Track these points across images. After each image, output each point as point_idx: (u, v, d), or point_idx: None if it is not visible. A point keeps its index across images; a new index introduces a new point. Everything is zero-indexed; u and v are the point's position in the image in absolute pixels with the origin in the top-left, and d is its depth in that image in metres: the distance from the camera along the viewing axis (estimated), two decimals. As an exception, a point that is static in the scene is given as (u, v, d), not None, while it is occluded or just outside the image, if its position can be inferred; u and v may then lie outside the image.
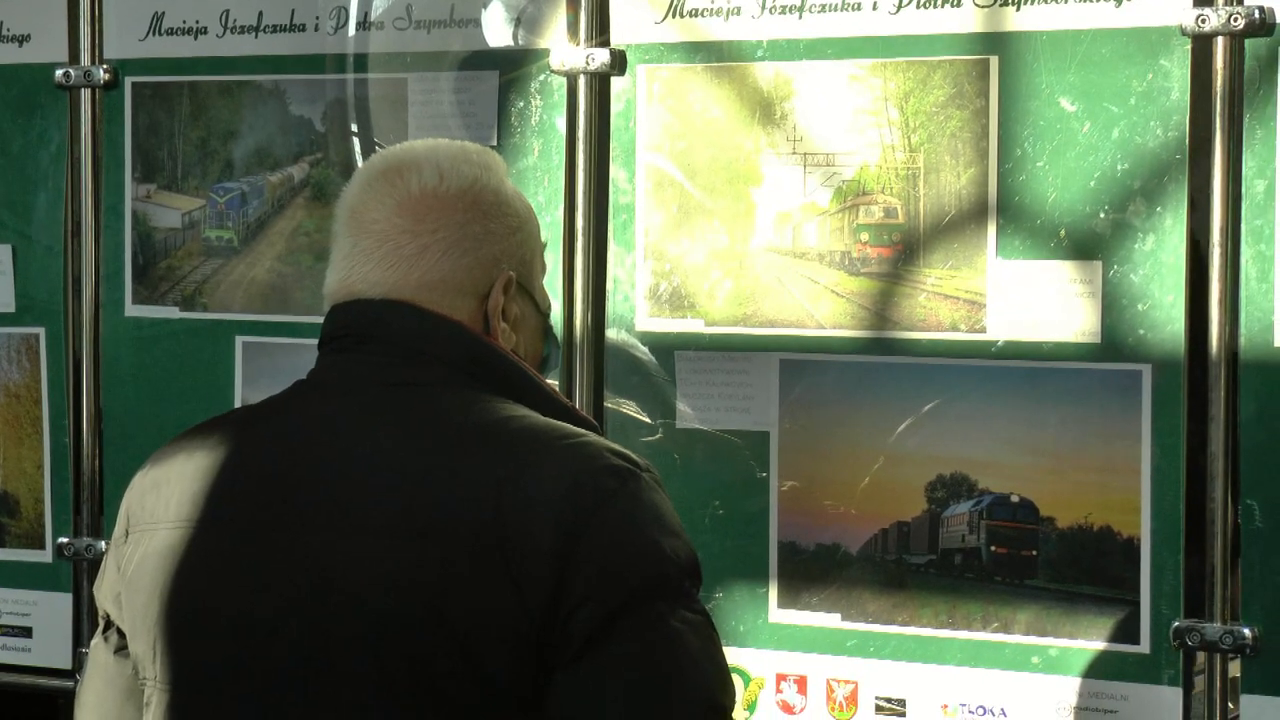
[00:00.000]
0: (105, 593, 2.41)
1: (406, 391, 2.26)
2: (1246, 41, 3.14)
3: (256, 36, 3.90)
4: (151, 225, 3.97)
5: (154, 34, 3.97)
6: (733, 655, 3.45)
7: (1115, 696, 3.25)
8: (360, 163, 3.82)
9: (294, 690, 2.17)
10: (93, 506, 4.01)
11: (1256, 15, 3.12)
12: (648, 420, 3.58)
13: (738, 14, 3.52)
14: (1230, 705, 3.20)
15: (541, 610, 2.10)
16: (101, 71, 3.98)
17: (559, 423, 2.26)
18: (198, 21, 3.94)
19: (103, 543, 3.97)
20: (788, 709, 3.48)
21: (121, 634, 2.38)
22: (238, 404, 3.85)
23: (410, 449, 2.21)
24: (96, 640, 2.44)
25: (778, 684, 3.49)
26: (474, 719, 2.13)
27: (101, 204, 4.00)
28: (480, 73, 3.74)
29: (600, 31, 3.63)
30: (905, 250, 3.39)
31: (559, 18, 3.67)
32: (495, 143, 3.69)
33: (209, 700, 2.24)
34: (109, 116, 4.00)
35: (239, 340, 3.89)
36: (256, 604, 2.20)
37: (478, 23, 3.74)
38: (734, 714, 2.20)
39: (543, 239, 2.44)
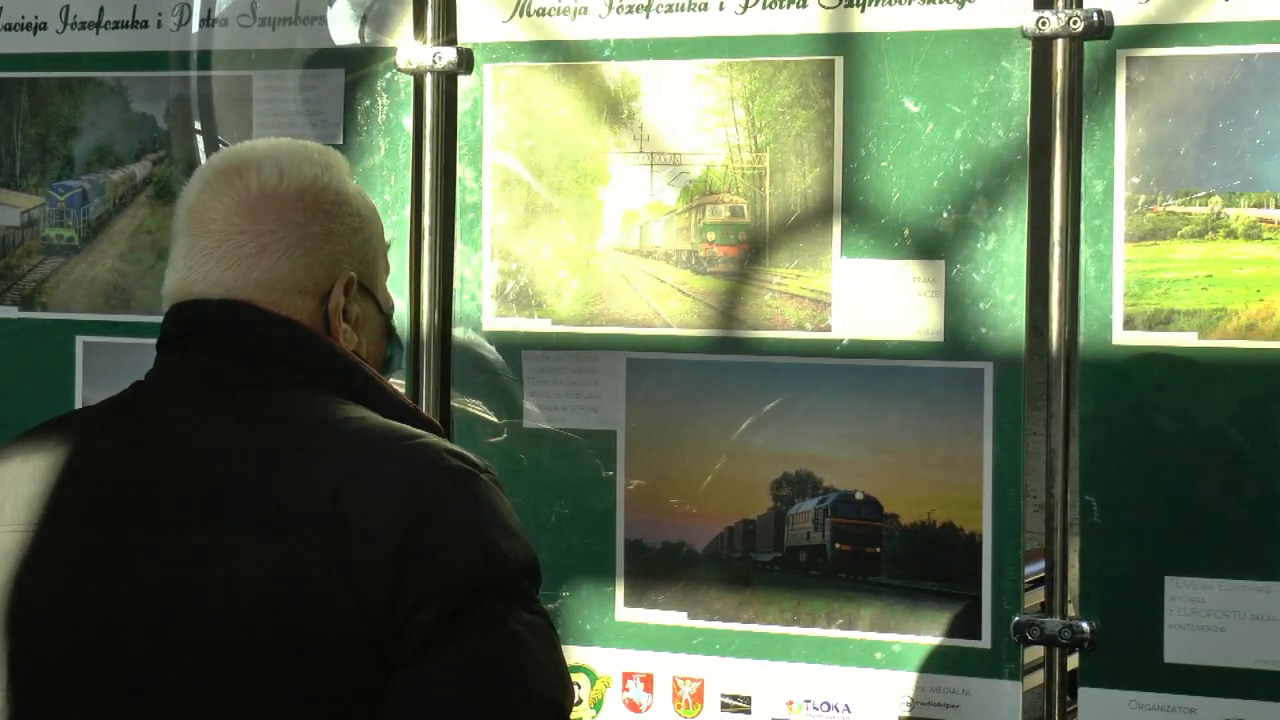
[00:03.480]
0: None
1: (245, 392, 2.24)
2: (1085, 44, 3.18)
3: (98, 33, 3.85)
4: (-10, 223, 3.92)
5: (-7, 29, 3.92)
6: (579, 654, 3.45)
7: (957, 691, 3.29)
8: (204, 161, 3.78)
9: (133, 693, 2.15)
10: (-70, 509, 3.94)
11: (1095, 18, 3.16)
12: (494, 420, 3.57)
13: (585, 13, 3.52)
14: (1069, 698, 3.24)
15: (379, 611, 2.09)
16: (-61, 67, 3.93)
17: (397, 424, 2.24)
18: (37, 17, 3.89)
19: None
20: (634, 707, 3.49)
21: None
22: (78, 405, 3.80)
23: (249, 450, 2.19)
24: None
25: (624, 682, 3.50)
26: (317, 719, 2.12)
27: (-61, 202, 3.95)
28: (326, 71, 3.72)
29: (447, 30, 3.62)
30: (751, 249, 3.41)
31: (406, 16, 3.65)
32: (341, 141, 3.67)
33: (48, 707, 2.20)
34: (-53, 113, 3.95)
35: (79, 340, 3.85)
36: (95, 608, 2.17)
37: (323, 20, 3.72)
38: (577, 713, 2.21)
39: (387, 239, 2.43)
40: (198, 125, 3.80)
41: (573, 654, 3.43)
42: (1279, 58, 3.09)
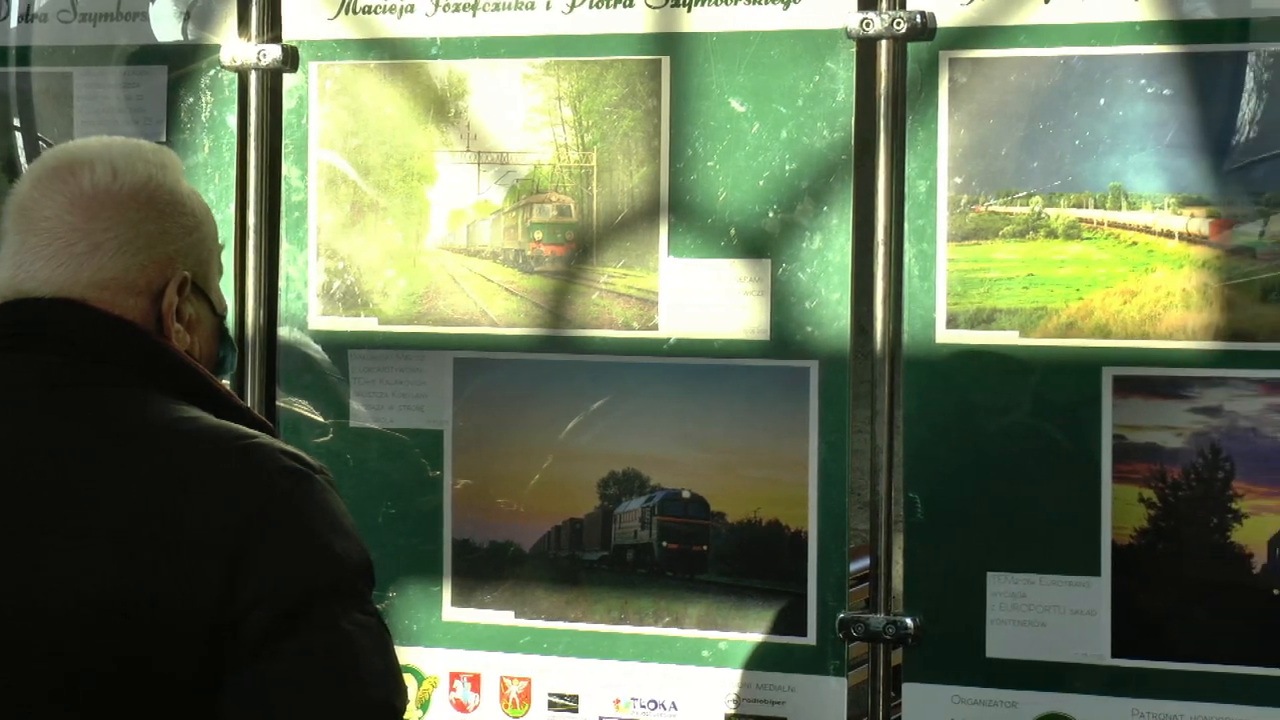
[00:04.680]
0: None
1: (77, 392, 2.22)
2: (909, 45, 3.22)
3: (-86, 27, 3.80)
4: None
5: None
6: (406, 654, 3.44)
7: (783, 688, 3.31)
8: (23, 158, 3.73)
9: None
10: None
11: (918, 19, 3.19)
12: (320, 419, 3.55)
13: (411, 11, 3.51)
14: (893, 694, 3.27)
15: (214, 611, 2.08)
16: None
17: (231, 424, 2.23)
18: None
19: None
20: (461, 707, 3.48)
21: None
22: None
23: (81, 451, 2.16)
24: None
25: (451, 682, 3.49)
26: None
27: None
28: (149, 68, 3.68)
29: (272, 27, 3.59)
30: (579, 248, 3.41)
31: (230, 13, 3.62)
32: (165, 139, 3.63)
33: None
34: None
35: (-105, 340, 3.77)
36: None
37: (145, 16, 3.68)
38: (407, 714, 2.20)
39: (221, 241, 2.42)
40: (16, 122, 3.75)
41: (400, 654, 3.39)
42: (1098, 60, 3.14)
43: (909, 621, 3.22)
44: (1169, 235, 3.12)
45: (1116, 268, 3.14)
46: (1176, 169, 3.11)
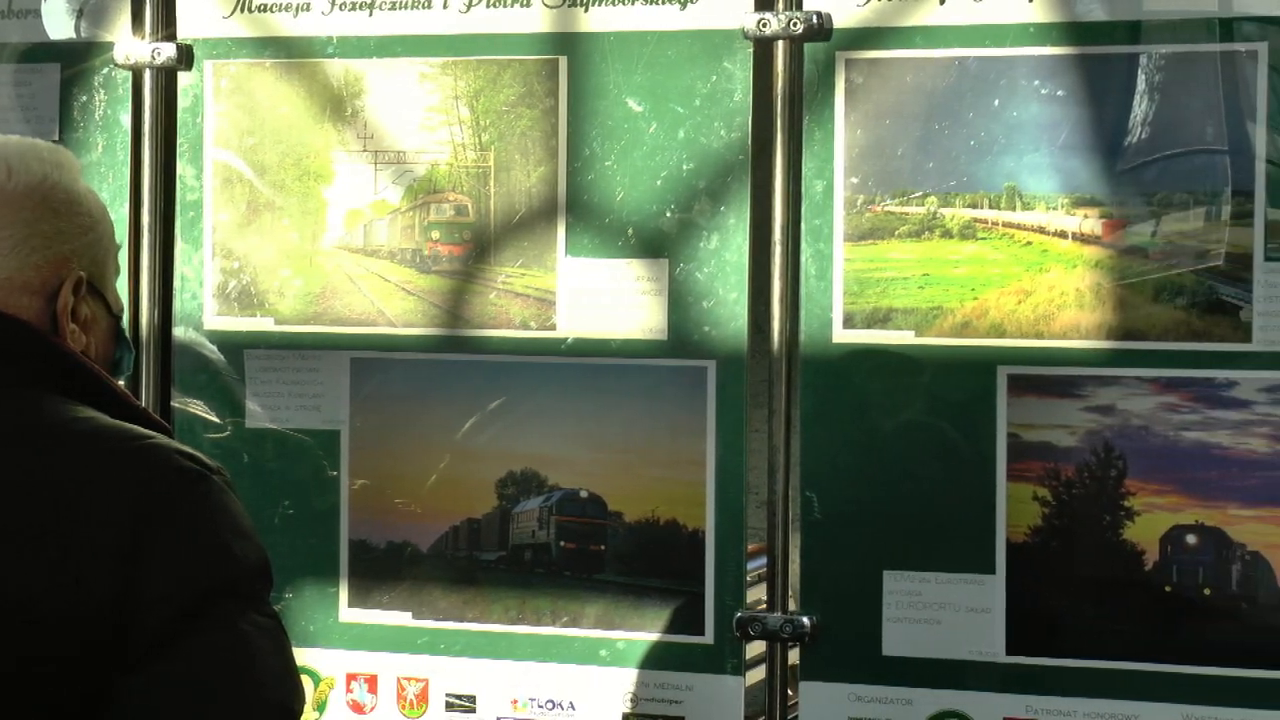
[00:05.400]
0: None
1: (-29, 392, 2.20)
2: (806, 46, 3.23)
3: None
4: None
5: None
6: (303, 655, 3.43)
7: (680, 687, 3.31)
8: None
9: None
10: None
11: (815, 20, 3.21)
12: (216, 419, 3.53)
13: (307, 9, 3.49)
14: (790, 692, 3.29)
15: (109, 613, 2.07)
16: None
17: (127, 424, 2.22)
18: None
19: None
20: (358, 708, 3.47)
21: None
22: None
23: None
24: None
25: (348, 683, 3.48)
26: None
27: None
28: (41, 65, 3.65)
29: (166, 25, 3.57)
30: (476, 248, 3.41)
31: (124, 11, 3.60)
32: (58, 138, 3.60)
33: None
34: None
35: None
36: None
37: (38, 14, 3.65)
38: (304, 716, 2.20)
39: (117, 241, 2.40)
40: (-94, 120, 3.71)
41: (296, 655, 3.38)
42: (993, 61, 3.16)
43: (806, 620, 3.24)
44: (1063, 235, 3.15)
45: (1011, 267, 3.17)
46: (1070, 170, 3.14)
